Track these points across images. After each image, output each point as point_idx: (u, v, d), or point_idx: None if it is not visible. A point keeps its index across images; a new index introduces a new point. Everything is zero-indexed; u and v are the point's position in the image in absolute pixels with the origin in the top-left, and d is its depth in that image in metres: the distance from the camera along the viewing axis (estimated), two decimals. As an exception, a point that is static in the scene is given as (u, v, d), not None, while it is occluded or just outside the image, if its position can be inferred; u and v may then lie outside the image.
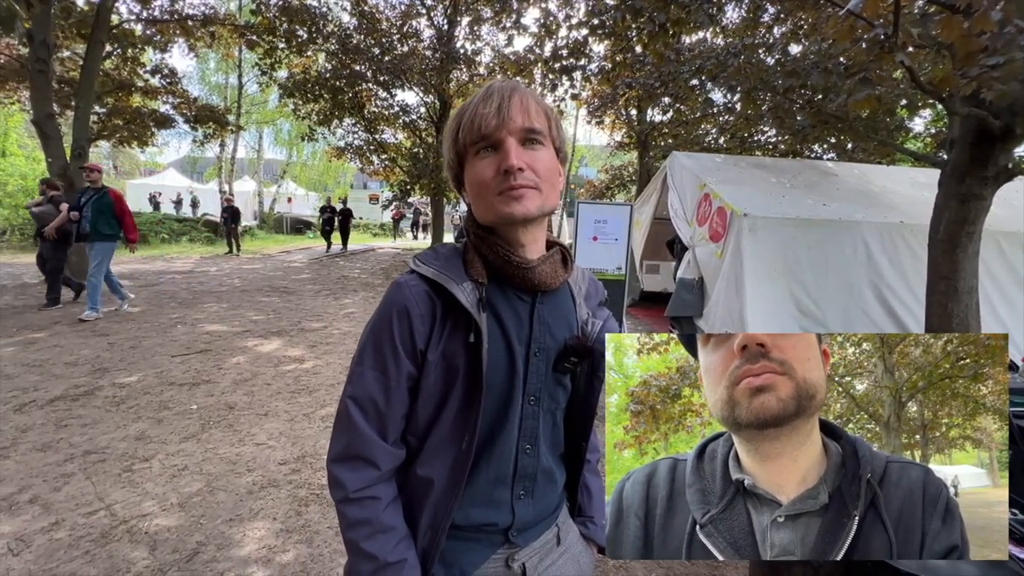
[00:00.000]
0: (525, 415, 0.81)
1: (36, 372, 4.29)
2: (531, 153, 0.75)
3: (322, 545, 2.28)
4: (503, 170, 0.73)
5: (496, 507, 0.81)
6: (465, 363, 0.76)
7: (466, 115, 0.76)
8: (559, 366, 0.82)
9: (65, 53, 10.65)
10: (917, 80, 2.93)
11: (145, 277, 9.76)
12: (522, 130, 0.74)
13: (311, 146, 26.35)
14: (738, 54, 5.15)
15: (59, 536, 2.25)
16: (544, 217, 0.79)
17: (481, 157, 0.75)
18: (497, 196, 0.74)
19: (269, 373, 4.56)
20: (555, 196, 0.79)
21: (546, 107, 0.79)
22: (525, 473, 0.82)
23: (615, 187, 18.54)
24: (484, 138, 0.74)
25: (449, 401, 0.77)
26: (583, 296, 0.91)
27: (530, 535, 0.85)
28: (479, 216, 0.80)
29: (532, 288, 0.80)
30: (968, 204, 3.24)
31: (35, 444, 3.07)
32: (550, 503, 0.88)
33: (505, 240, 0.79)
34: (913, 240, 4.80)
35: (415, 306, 0.76)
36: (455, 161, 0.81)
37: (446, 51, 11.97)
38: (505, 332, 0.78)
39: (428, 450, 0.79)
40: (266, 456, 3.05)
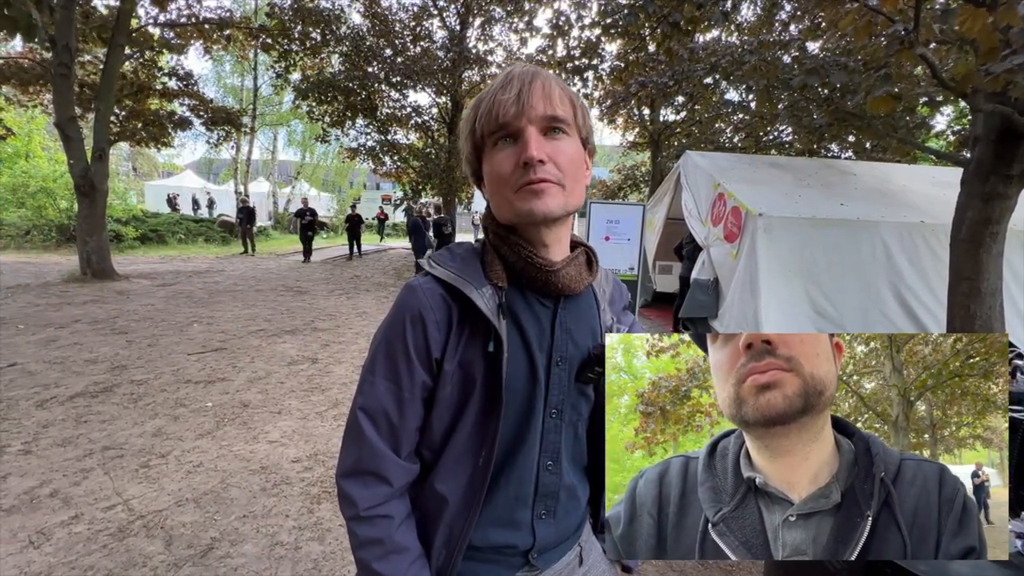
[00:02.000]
0: (547, 429, 0.76)
1: (57, 369, 4.39)
2: (554, 144, 0.68)
3: (334, 543, 2.30)
4: (522, 162, 0.67)
5: (516, 528, 0.76)
6: (483, 373, 0.71)
7: (484, 103, 0.70)
8: (582, 376, 0.76)
9: (86, 57, 10.91)
10: (939, 76, 2.87)
11: (163, 277, 9.94)
12: (544, 118, 0.67)
13: (324, 147, 26.60)
14: (753, 51, 5.09)
15: (78, 530, 2.30)
16: (569, 215, 0.72)
17: (499, 149, 0.69)
18: (516, 192, 0.68)
19: (283, 372, 4.61)
20: (580, 192, 0.72)
21: (571, 93, 0.71)
22: (547, 492, 0.77)
23: (627, 187, 18.43)
24: (502, 127, 0.68)
25: (466, 413, 0.73)
26: (607, 300, 0.85)
27: (551, 557, 0.80)
28: (498, 214, 0.74)
29: (555, 292, 0.75)
30: (992, 203, 3.16)
31: (56, 439, 3.14)
32: (572, 522, 0.83)
33: (527, 240, 0.73)
34: (934, 240, 4.70)
35: (430, 312, 0.70)
36: (472, 154, 0.75)
37: (458, 52, 12.01)
38: (526, 340, 0.73)
39: (443, 465, 0.74)
40: (279, 454, 3.08)
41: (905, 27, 2.69)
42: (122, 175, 26.54)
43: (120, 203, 14.71)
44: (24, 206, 12.97)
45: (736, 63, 5.20)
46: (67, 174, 10.51)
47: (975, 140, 3.30)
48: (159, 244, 15.32)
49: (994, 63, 2.41)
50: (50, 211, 13.22)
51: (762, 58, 5.01)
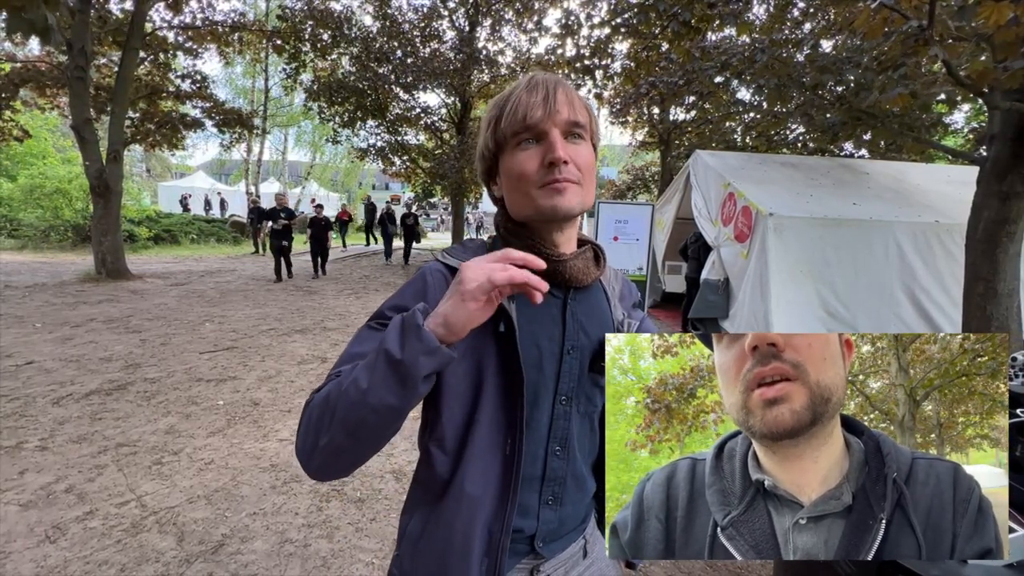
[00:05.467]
0: (556, 416, 0.77)
1: (73, 367, 4.46)
2: (574, 147, 0.72)
3: (342, 540, 2.31)
4: (548, 162, 0.70)
5: (522, 512, 0.76)
6: (496, 357, 0.72)
7: (509, 103, 0.73)
8: (595, 366, 0.78)
9: (101, 60, 11.08)
10: (954, 74, 2.82)
11: (175, 276, 10.07)
12: (567, 123, 0.71)
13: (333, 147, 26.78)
14: (765, 50, 5.04)
15: (93, 525, 2.33)
16: (581, 214, 0.76)
17: (523, 148, 0.72)
18: (539, 189, 0.71)
19: (293, 371, 4.65)
20: (593, 193, 0.76)
21: (587, 103, 0.76)
22: (554, 477, 0.77)
23: (637, 187, 18.36)
24: (528, 128, 0.71)
25: (482, 403, 0.72)
26: (617, 297, 0.87)
27: (556, 547, 0.81)
28: (514, 211, 0.77)
29: (564, 283, 0.77)
30: (1009, 202, 3.11)
31: (71, 436, 3.19)
32: (579, 512, 0.83)
33: (539, 236, 0.76)
34: (949, 240, 4.63)
35: (440, 292, 0.72)
36: (490, 152, 0.78)
37: (468, 52, 12.04)
38: (533, 327, 0.75)
39: (469, 464, 0.72)
40: (289, 452, 3.11)
41: (920, 24, 2.65)
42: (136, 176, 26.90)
43: (134, 204, 14.92)
44: (41, 207, 13.19)
45: (747, 61, 5.15)
46: (82, 175, 10.68)
47: (992, 138, 3.25)
48: (172, 244, 15.51)
49: (1013, 57, 2.36)
50: (66, 212, 13.42)
51: (774, 56, 4.96)
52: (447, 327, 0.61)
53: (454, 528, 0.71)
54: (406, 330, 0.61)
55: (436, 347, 0.60)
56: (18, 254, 12.12)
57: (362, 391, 0.61)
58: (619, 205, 7.78)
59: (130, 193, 13.97)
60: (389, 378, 0.60)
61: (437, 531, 0.73)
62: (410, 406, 0.64)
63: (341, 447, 0.64)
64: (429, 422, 0.77)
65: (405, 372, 0.60)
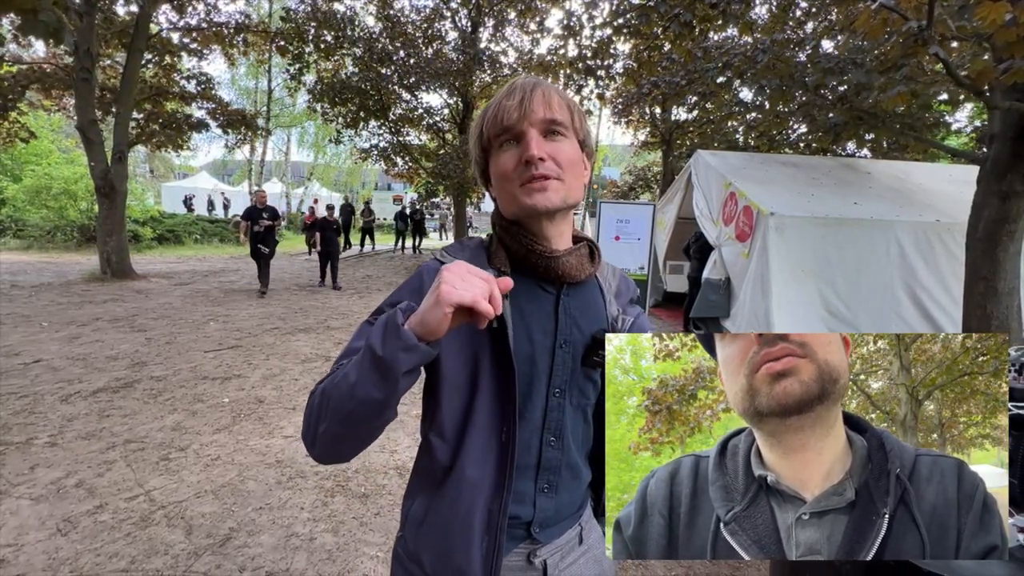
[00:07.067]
0: (550, 407, 0.79)
1: (80, 365, 4.50)
2: (553, 144, 0.74)
3: (347, 535, 2.34)
4: (524, 160, 0.73)
5: (519, 500, 0.79)
6: (490, 351, 0.75)
7: (490, 110, 0.77)
8: (587, 360, 0.80)
9: (106, 62, 11.12)
10: (954, 73, 2.83)
11: (180, 276, 10.11)
12: (544, 121, 0.74)
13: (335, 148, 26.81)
14: (767, 50, 5.05)
15: (103, 519, 2.37)
16: (569, 209, 0.78)
17: (504, 150, 0.76)
18: (520, 187, 0.74)
19: (297, 369, 4.68)
20: (579, 188, 0.79)
21: (570, 100, 0.78)
22: (549, 466, 0.80)
23: (639, 187, 18.35)
24: (507, 130, 0.74)
25: (479, 392, 0.76)
26: (613, 293, 0.89)
27: (553, 532, 0.83)
28: (504, 209, 0.81)
29: (557, 279, 0.79)
30: (1009, 201, 3.12)
31: (80, 432, 3.22)
32: (574, 500, 0.86)
33: (531, 232, 0.79)
34: (950, 239, 4.63)
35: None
36: (481, 156, 0.82)
37: (470, 53, 12.05)
38: (526, 322, 0.77)
39: (470, 449, 0.76)
40: (294, 448, 3.14)
41: (919, 24, 2.66)
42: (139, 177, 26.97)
43: (138, 204, 14.93)
44: (47, 207, 13.24)
45: (749, 61, 5.16)
46: (87, 176, 10.72)
47: (992, 137, 3.26)
48: (176, 244, 15.56)
49: (1017, 55, 2.37)
50: (71, 212, 13.47)
51: (776, 56, 4.97)
52: (423, 326, 0.63)
53: (456, 508, 0.75)
54: (388, 328, 0.64)
55: (414, 344, 0.62)
56: (24, 254, 12.17)
57: (351, 384, 0.65)
58: (621, 205, 7.79)
59: (134, 193, 13.98)
60: (373, 373, 0.64)
61: (440, 512, 0.77)
62: (394, 398, 0.66)
63: (337, 435, 0.69)
64: (430, 412, 0.81)
65: (386, 368, 0.63)
